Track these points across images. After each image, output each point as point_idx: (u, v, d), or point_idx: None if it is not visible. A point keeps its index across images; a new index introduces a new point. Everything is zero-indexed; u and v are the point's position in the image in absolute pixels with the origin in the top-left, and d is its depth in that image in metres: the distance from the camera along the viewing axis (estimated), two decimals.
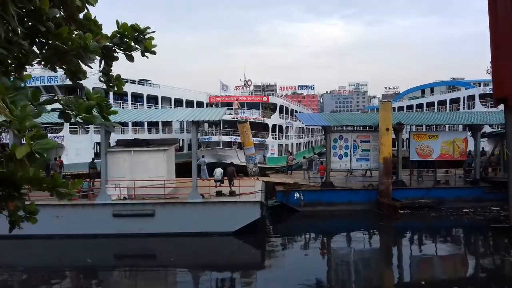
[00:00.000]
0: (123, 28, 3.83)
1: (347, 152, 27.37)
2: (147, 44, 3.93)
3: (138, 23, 4.09)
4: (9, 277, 16.93)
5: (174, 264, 17.82)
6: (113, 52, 3.93)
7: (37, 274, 17.19)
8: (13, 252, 18.54)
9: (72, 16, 3.54)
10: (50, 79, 37.35)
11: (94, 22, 3.68)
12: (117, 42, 3.86)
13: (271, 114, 47.89)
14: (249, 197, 21.84)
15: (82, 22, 3.63)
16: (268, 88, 67.88)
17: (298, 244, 21.69)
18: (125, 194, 21.43)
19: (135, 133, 41.62)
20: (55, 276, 16.92)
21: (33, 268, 17.68)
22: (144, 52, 4.03)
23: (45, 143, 2.84)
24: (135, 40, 3.91)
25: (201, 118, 23.25)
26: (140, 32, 3.92)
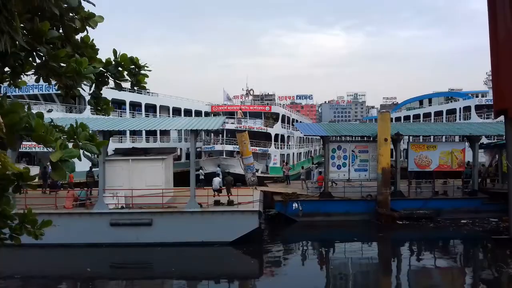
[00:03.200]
0: (122, 59, 3.86)
1: (346, 162, 27.36)
2: (140, 78, 3.97)
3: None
4: (6, 286, 16.77)
5: (171, 274, 17.67)
6: (105, 78, 3.96)
7: (34, 284, 17.04)
8: (10, 261, 18.36)
9: (68, 37, 3.56)
10: (48, 87, 37.28)
11: (90, 46, 3.69)
12: (112, 70, 3.89)
13: (273, 124, 47.95)
14: (247, 207, 21.76)
15: (78, 44, 3.65)
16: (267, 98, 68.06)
17: (296, 254, 21.57)
18: (122, 203, 21.32)
19: (133, 142, 41.56)
20: (52, 286, 16.78)
21: (30, 277, 17.51)
22: (134, 85, 4.07)
23: (71, 151, 3.15)
24: (130, 72, 3.93)
25: (199, 127, 23.20)
26: (137, 66, 3.94)
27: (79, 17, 3.51)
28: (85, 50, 3.73)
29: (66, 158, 3.07)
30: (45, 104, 37.78)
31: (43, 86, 37.21)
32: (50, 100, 38.76)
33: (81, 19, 3.52)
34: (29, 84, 35.67)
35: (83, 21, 3.54)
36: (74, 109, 38.17)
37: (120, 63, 3.91)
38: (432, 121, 57.23)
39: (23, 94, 37.79)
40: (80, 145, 3.39)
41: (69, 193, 21.92)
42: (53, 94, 37.99)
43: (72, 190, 22.59)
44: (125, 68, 3.94)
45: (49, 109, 35.21)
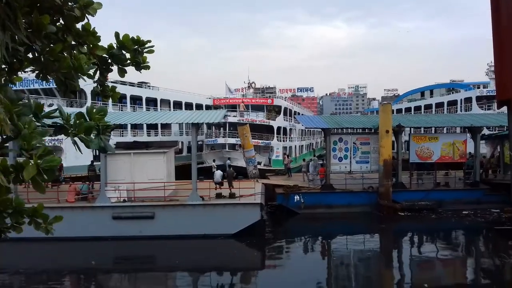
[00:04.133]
0: (124, 39, 3.81)
1: (347, 155, 27.34)
2: (143, 58, 3.93)
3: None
4: (10, 280, 16.86)
5: (174, 267, 17.74)
6: (108, 64, 3.93)
7: (37, 277, 17.11)
8: (12, 255, 18.44)
9: (69, 26, 3.52)
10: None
11: (92, 34, 3.66)
12: (116, 53, 3.85)
13: (275, 117, 47.90)
14: (249, 199, 21.80)
15: (79, 33, 3.61)
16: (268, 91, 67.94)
17: (298, 246, 21.61)
18: (124, 197, 21.37)
19: (134, 136, 41.56)
20: (55, 279, 16.86)
21: (33, 271, 17.58)
22: (138, 67, 4.04)
23: (51, 161, 2.97)
24: (134, 53, 3.89)
25: (200, 121, 23.20)
26: (140, 44, 3.90)
27: (78, 6, 3.47)
28: (87, 38, 3.69)
29: (46, 168, 2.94)
30: (46, 98, 37.76)
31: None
32: (50, 94, 38.76)
33: (80, 8, 3.48)
34: (30, 78, 35.65)
35: (82, 9, 3.51)
36: (75, 103, 38.13)
37: (123, 44, 3.86)
38: (433, 113, 57.08)
39: (24, 88, 37.73)
40: (77, 138, 3.33)
41: (71, 187, 21.97)
42: (53, 89, 37.91)
43: (74, 184, 22.63)
44: (129, 50, 3.89)
45: (50, 104, 35.20)
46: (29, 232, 3.70)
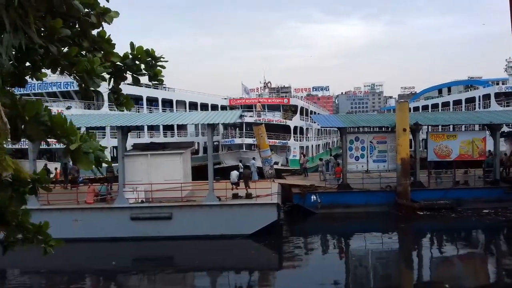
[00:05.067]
0: (138, 51, 3.87)
1: (364, 154, 27.13)
2: (156, 71, 3.98)
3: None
4: (32, 281, 17.18)
5: (192, 267, 17.84)
6: (123, 72, 3.99)
7: (58, 278, 17.41)
8: (34, 256, 18.73)
9: (85, 32, 3.59)
10: (66, 85, 37.86)
11: (107, 41, 3.71)
12: (129, 63, 3.90)
13: (292, 116, 47.81)
14: (266, 200, 21.79)
15: (95, 39, 3.67)
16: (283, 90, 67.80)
17: (316, 247, 21.52)
18: (142, 198, 21.57)
19: (150, 137, 41.91)
20: (77, 280, 17.13)
21: (54, 272, 17.86)
22: (152, 78, 4.09)
23: (91, 144, 3.12)
24: (147, 65, 3.95)
25: (216, 121, 23.34)
26: (153, 58, 3.95)
27: (95, 13, 3.53)
28: (102, 45, 3.75)
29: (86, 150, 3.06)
30: (64, 101, 38.36)
31: (61, 83, 37.77)
32: (68, 97, 39.34)
33: (97, 15, 3.54)
34: (48, 81, 36.27)
35: (99, 16, 3.56)
36: (92, 105, 38.65)
37: (136, 56, 3.93)
38: (451, 110, 56.27)
39: (43, 91, 38.42)
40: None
41: (90, 188, 22.26)
42: (71, 91, 38.53)
43: (92, 185, 22.93)
44: (142, 61, 3.96)
45: (68, 106, 35.76)
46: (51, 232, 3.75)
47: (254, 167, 30.01)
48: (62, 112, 33.38)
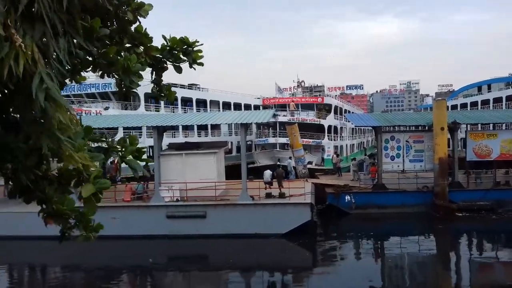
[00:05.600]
0: (173, 42, 3.97)
1: (400, 153, 26.62)
2: (195, 55, 4.06)
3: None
4: (72, 277, 17.79)
5: (227, 266, 18.00)
6: (163, 63, 4.09)
7: (99, 274, 17.97)
8: (73, 253, 19.35)
9: (124, 29, 3.70)
10: (104, 86, 38.92)
11: (145, 35, 3.83)
12: (166, 55, 4.01)
13: (326, 115, 47.47)
14: (299, 199, 21.73)
15: (134, 35, 3.79)
16: (316, 89, 67.16)
17: (350, 247, 21.30)
18: (177, 196, 21.94)
19: (185, 136, 42.52)
20: (115, 276, 17.64)
21: (94, 268, 18.48)
22: (192, 64, 4.17)
23: (103, 183, 3.26)
24: (184, 53, 4.04)
25: (249, 121, 23.48)
26: (189, 45, 4.04)
27: (130, 9, 3.63)
28: (141, 40, 3.86)
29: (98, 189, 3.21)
30: (102, 102, 39.45)
31: (99, 84, 38.86)
32: (106, 98, 40.42)
33: (133, 10, 3.64)
34: (87, 83, 37.39)
35: (134, 11, 3.66)
36: (129, 106, 39.60)
37: (172, 46, 4.02)
38: (491, 108, 54.36)
39: (82, 93, 39.64)
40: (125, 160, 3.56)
41: (127, 187, 22.83)
42: (109, 92, 39.58)
43: (130, 184, 23.51)
44: (179, 51, 4.05)
45: (106, 107, 36.76)
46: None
47: (290, 166, 29.94)
48: (101, 112, 34.38)
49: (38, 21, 2.72)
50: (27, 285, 17.67)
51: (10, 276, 18.43)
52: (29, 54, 2.54)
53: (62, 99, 2.68)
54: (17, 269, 19.09)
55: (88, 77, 34.43)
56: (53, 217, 3.56)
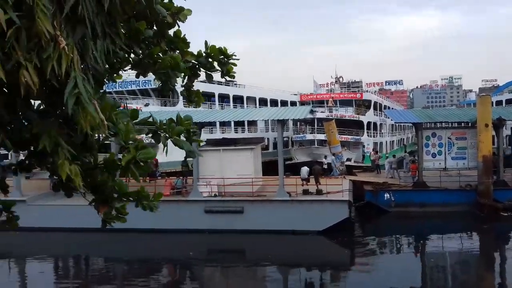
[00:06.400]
0: (211, 50, 4.06)
1: (441, 150, 25.88)
2: (229, 68, 4.14)
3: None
4: (115, 268, 18.41)
5: (264, 261, 18.11)
6: (196, 70, 4.19)
7: (139, 265, 18.55)
8: (114, 246, 19.99)
9: (162, 33, 3.81)
10: (144, 83, 39.79)
11: (182, 40, 3.92)
12: (203, 61, 4.10)
13: (365, 111, 46.75)
14: (337, 196, 21.53)
15: (172, 39, 3.89)
16: (354, 85, 66.39)
17: (390, 246, 20.95)
18: (215, 191, 22.23)
19: (222, 133, 42.94)
20: (155, 268, 18.16)
21: (137, 260, 19.08)
22: (224, 74, 4.26)
23: (147, 153, 3.29)
24: (219, 62, 4.12)
25: (285, 117, 23.46)
26: (226, 55, 4.12)
27: (170, 13, 3.72)
28: (178, 44, 3.96)
29: (142, 159, 3.20)
30: (142, 98, 40.43)
31: (140, 82, 39.77)
32: (146, 94, 41.39)
33: (172, 14, 3.74)
34: (128, 81, 38.39)
35: (174, 16, 3.76)
36: (168, 102, 40.37)
37: (210, 54, 4.11)
38: None
39: (123, 90, 40.74)
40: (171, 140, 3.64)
41: (167, 181, 23.38)
42: (149, 89, 40.50)
43: (169, 179, 24.04)
44: (215, 59, 4.13)
45: (146, 103, 37.65)
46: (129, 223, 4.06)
47: (333, 163, 29.71)
48: (141, 108, 35.23)
49: (80, 24, 2.83)
50: (72, 275, 18.41)
51: (56, 267, 19.27)
52: (71, 56, 2.65)
53: (90, 105, 2.77)
54: (62, 260, 19.91)
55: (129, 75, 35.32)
56: (106, 203, 3.70)
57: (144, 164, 3.33)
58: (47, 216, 21.18)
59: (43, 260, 19.19)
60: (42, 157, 3.50)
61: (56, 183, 4.06)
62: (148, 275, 17.24)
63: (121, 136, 3.18)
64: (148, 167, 3.31)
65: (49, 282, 16.56)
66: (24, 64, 2.57)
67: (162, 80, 3.85)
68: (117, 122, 3.15)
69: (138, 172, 3.38)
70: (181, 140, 3.63)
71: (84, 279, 17.42)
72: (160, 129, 3.66)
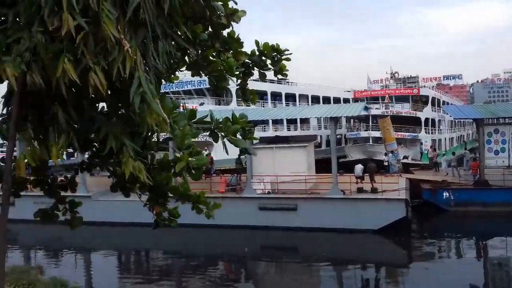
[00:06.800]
0: (264, 47, 4.13)
1: (505, 147, 24.54)
2: (281, 65, 4.20)
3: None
4: (173, 262, 19.07)
5: (318, 259, 18.04)
6: (250, 69, 4.28)
7: (197, 260, 19.13)
8: (172, 240, 20.60)
9: (217, 34, 3.93)
10: (200, 83, 40.68)
11: (236, 41, 4.03)
12: (256, 60, 4.18)
13: (423, 107, 45.20)
14: (393, 195, 20.98)
15: (226, 40, 4.01)
16: (410, 80, 64.02)
17: (449, 247, 20.16)
18: (269, 189, 22.38)
19: (275, 130, 43.04)
20: (212, 262, 18.70)
21: (193, 254, 19.69)
22: (277, 73, 4.32)
23: (200, 159, 3.50)
24: (273, 60, 4.18)
25: (339, 114, 23.25)
26: (279, 52, 4.17)
27: (224, 14, 3.83)
28: (232, 45, 4.07)
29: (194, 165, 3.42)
30: (198, 98, 41.44)
31: (195, 82, 40.71)
32: (201, 94, 42.37)
33: (226, 15, 3.84)
34: (184, 81, 39.46)
35: (228, 17, 3.86)
36: (222, 101, 41.09)
37: (263, 52, 4.17)
38: None
39: (179, 90, 41.93)
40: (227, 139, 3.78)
41: (222, 179, 23.90)
42: (204, 89, 41.40)
43: (224, 176, 24.53)
44: (268, 57, 4.19)
45: (201, 103, 38.55)
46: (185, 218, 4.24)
47: (392, 160, 29.07)
48: (196, 108, 36.12)
49: (141, 26, 3.00)
50: (133, 268, 19.28)
51: (118, 260, 20.23)
52: (134, 58, 2.82)
53: (154, 103, 2.93)
54: (124, 253, 20.88)
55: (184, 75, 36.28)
56: (159, 204, 3.94)
57: (197, 170, 3.52)
58: (110, 211, 22.22)
59: (106, 253, 20.21)
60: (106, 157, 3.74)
61: (114, 183, 4.33)
62: (205, 269, 17.73)
63: (177, 143, 3.36)
64: (200, 173, 3.49)
65: (112, 274, 17.39)
66: (93, 67, 2.78)
67: (215, 82, 3.99)
68: (174, 127, 3.32)
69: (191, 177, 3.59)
70: (237, 139, 3.75)
71: (145, 272, 18.19)
72: (217, 128, 3.79)
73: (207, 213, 4.17)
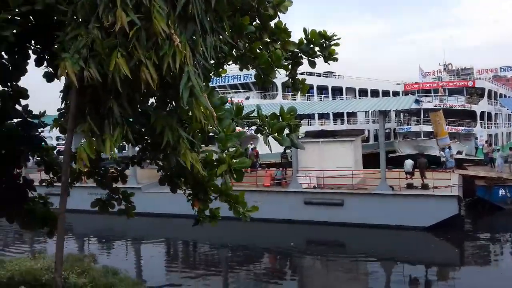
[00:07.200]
0: (312, 35, 4.06)
1: None
2: (331, 50, 4.11)
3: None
4: (219, 253, 19.38)
5: (366, 255, 17.71)
6: (299, 58, 4.23)
7: (243, 252, 19.35)
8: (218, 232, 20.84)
9: (265, 26, 3.90)
10: (245, 77, 40.95)
11: (284, 31, 3.99)
12: (304, 48, 4.12)
13: (478, 100, 43.24)
14: (445, 191, 20.23)
15: (274, 30, 3.97)
16: (464, 72, 61.38)
17: (505, 245, 19.26)
18: (314, 183, 22.21)
19: (321, 124, 42.64)
20: (258, 255, 18.84)
21: (239, 246, 19.95)
22: (326, 59, 4.23)
23: (242, 162, 3.49)
24: (321, 46, 4.11)
25: (388, 108, 22.67)
26: (326, 38, 4.09)
27: (271, 5, 3.80)
28: (280, 35, 4.03)
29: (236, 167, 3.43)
30: (243, 92, 41.72)
31: (241, 76, 41.01)
32: (247, 88, 42.62)
33: (273, 6, 3.81)
34: (230, 75, 39.88)
35: (275, 7, 3.83)
36: (268, 95, 41.13)
37: (311, 39, 4.11)
38: None
39: (225, 84, 42.41)
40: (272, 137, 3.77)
41: (267, 173, 23.97)
42: (249, 83, 41.61)
43: (269, 170, 24.58)
44: (316, 44, 4.12)
45: (247, 97, 38.77)
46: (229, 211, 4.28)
47: (448, 155, 28.14)
48: (242, 102, 36.41)
49: (190, 21, 3.03)
50: (180, 258, 19.77)
51: (167, 250, 20.80)
52: (184, 53, 2.86)
53: (202, 97, 2.96)
54: (172, 244, 21.46)
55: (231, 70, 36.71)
56: (199, 200, 4.00)
57: (238, 173, 3.54)
58: (159, 202, 22.83)
59: (155, 244, 20.82)
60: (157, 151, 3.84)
61: (162, 177, 4.47)
62: (251, 262, 17.87)
63: (220, 146, 3.41)
64: (242, 175, 3.52)
65: (159, 264, 17.91)
66: (145, 61, 2.84)
67: (262, 75, 3.99)
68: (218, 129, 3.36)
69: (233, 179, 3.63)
70: (281, 137, 3.73)
71: (192, 263, 18.59)
72: (262, 125, 3.79)
73: (243, 214, 4.20)
